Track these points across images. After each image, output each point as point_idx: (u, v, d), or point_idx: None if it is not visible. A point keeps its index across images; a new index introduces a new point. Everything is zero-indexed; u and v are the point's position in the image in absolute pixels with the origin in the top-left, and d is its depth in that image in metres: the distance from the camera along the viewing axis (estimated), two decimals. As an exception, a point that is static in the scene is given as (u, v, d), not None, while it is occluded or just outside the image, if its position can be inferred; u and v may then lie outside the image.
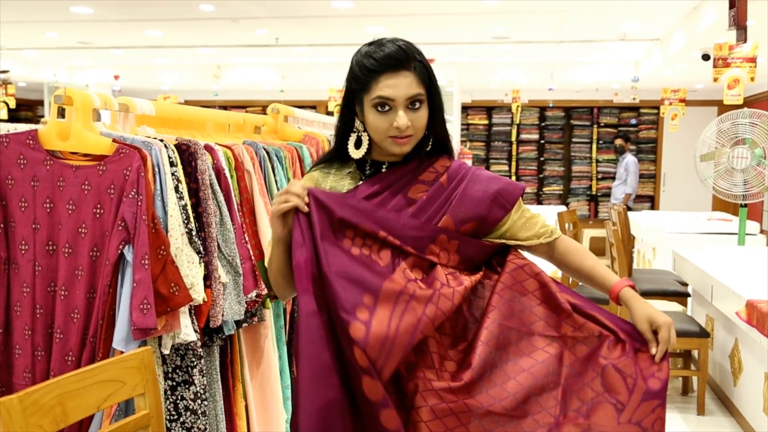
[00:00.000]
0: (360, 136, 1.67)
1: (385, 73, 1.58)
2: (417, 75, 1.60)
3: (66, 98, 1.97)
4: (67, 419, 1.42)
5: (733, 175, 4.96)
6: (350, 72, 1.65)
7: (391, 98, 1.58)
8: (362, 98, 1.62)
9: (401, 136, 1.61)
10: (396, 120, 1.58)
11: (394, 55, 1.58)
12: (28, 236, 1.97)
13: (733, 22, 4.20)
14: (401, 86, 1.58)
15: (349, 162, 1.73)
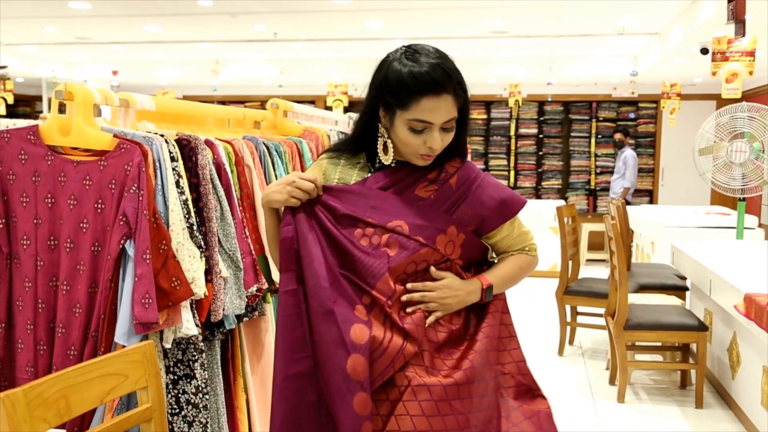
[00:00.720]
0: (386, 141, 1.66)
1: (427, 96, 1.55)
2: (455, 98, 1.59)
3: (67, 94, 1.98)
4: (71, 412, 1.43)
5: (731, 169, 4.97)
6: (385, 81, 1.60)
7: (430, 121, 1.57)
8: (396, 112, 1.60)
9: (430, 155, 1.62)
10: (431, 141, 1.59)
11: (438, 80, 1.55)
12: (29, 231, 1.98)
13: (731, 16, 4.20)
14: (441, 110, 1.57)
15: (358, 154, 1.74)
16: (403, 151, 1.65)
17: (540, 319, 6.15)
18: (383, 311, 1.58)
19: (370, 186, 1.67)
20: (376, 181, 1.68)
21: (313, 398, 1.59)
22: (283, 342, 1.60)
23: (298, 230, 1.63)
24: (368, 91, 1.67)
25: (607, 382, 4.57)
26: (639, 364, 4.55)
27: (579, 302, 5.16)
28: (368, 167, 1.72)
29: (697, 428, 3.86)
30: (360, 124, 1.70)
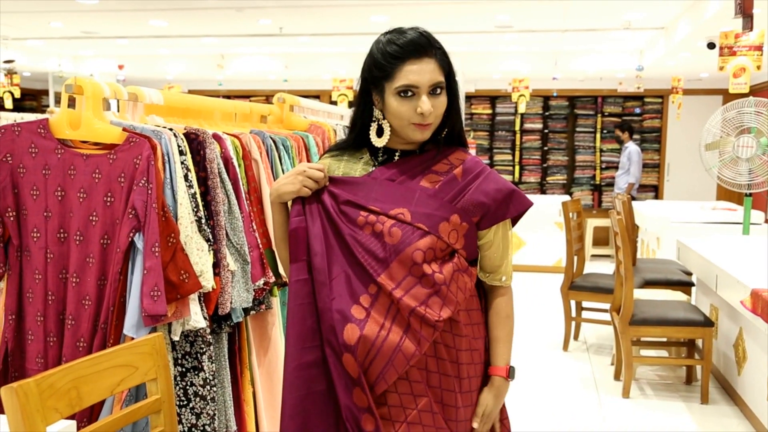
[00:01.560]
0: (381, 124, 1.68)
1: (409, 60, 1.60)
2: (438, 62, 1.62)
3: (76, 87, 1.99)
4: (82, 403, 1.44)
5: (738, 164, 4.96)
6: (370, 60, 1.65)
7: (416, 85, 1.60)
8: (384, 86, 1.63)
9: (424, 123, 1.63)
10: (420, 105, 1.60)
11: (417, 41, 1.60)
12: (39, 224, 1.99)
13: (739, 10, 4.19)
14: (425, 72, 1.60)
15: (361, 150, 1.75)
16: (399, 126, 1.65)
17: (545, 314, 6.15)
18: (389, 299, 1.59)
19: (375, 178, 1.68)
20: (381, 174, 1.69)
21: (322, 387, 1.61)
22: (295, 331, 1.62)
23: (307, 221, 1.64)
24: (359, 82, 1.70)
25: (612, 377, 4.57)
26: (644, 359, 4.55)
27: (584, 297, 5.16)
28: (372, 161, 1.73)
29: (702, 424, 3.86)
30: (356, 113, 1.73)
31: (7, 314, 2.01)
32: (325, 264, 1.62)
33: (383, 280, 1.59)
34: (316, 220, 1.65)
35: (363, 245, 1.62)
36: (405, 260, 1.60)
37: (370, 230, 1.63)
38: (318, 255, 1.62)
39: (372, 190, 1.66)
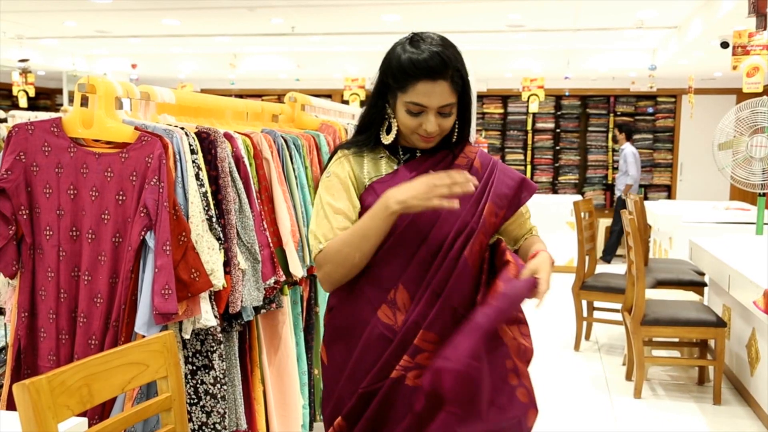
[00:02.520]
0: (390, 122, 1.73)
1: (422, 80, 1.62)
2: (451, 84, 1.64)
3: (89, 87, 2.00)
4: (93, 400, 1.45)
5: (751, 164, 4.92)
6: (388, 65, 1.68)
7: (424, 105, 1.64)
8: (396, 93, 1.67)
9: (427, 137, 1.68)
10: (426, 124, 1.65)
11: (431, 64, 1.61)
12: (52, 222, 2.01)
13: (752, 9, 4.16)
14: (435, 95, 1.63)
15: (379, 147, 1.77)
16: (404, 132, 1.72)
17: (556, 314, 6.13)
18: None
19: (403, 177, 1.71)
20: (408, 171, 1.72)
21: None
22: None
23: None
24: (377, 78, 1.73)
25: (623, 377, 4.55)
26: (656, 359, 4.53)
27: (595, 297, 5.14)
28: (393, 159, 1.76)
29: (714, 425, 3.84)
30: (369, 109, 1.75)
31: (20, 312, 2.03)
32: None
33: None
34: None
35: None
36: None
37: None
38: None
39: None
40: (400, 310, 1.66)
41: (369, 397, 1.67)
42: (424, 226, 1.68)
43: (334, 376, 1.74)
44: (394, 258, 1.67)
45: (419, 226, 1.68)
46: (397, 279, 1.66)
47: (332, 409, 1.75)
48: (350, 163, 1.74)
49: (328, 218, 1.69)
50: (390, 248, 1.67)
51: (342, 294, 1.73)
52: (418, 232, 1.68)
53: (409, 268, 1.67)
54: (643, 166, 10.95)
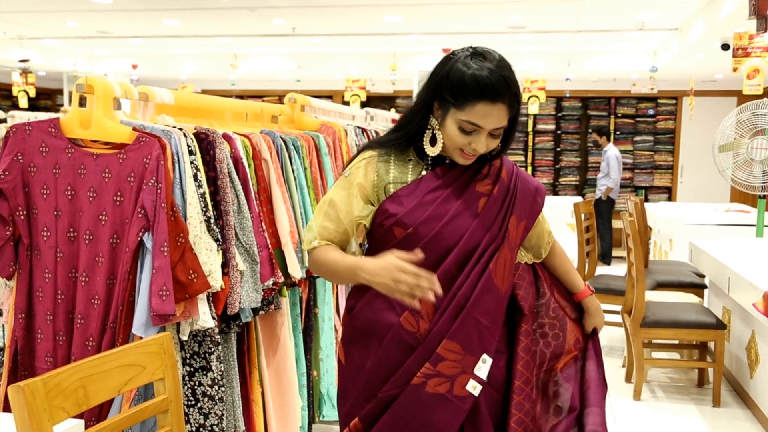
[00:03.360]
0: (435, 134, 1.71)
1: (483, 101, 1.61)
2: (509, 108, 1.65)
3: (87, 87, 2.00)
4: (89, 402, 1.44)
5: (752, 166, 4.91)
6: (446, 77, 1.65)
7: (480, 126, 1.64)
8: (450, 109, 1.65)
9: (471, 155, 1.69)
10: (476, 144, 1.66)
11: (497, 88, 1.61)
12: (50, 223, 2.00)
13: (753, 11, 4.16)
14: (493, 117, 1.63)
15: (407, 150, 1.76)
16: (448, 146, 1.70)
17: (556, 315, 6.12)
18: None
19: (428, 185, 1.72)
20: (434, 178, 1.73)
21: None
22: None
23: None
24: (426, 84, 1.71)
25: (623, 379, 4.55)
26: (656, 361, 4.52)
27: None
28: (420, 164, 1.75)
29: (714, 427, 3.83)
30: (414, 114, 1.74)
31: (17, 313, 2.03)
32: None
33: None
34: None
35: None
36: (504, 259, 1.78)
37: None
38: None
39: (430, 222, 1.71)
40: (423, 319, 1.68)
41: (388, 401, 1.69)
42: (451, 238, 1.69)
43: (351, 377, 1.76)
44: (419, 267, 1.67)
45: (445, 237, 1.69)
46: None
47: (349, 409, 1.77)
48: (375, 168, 1.74)
49: (327, 216, 1.72)
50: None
51: (364, 296, 1.74)
52: (444, 243, 1.69)
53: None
54: (643, 168, 10.96)
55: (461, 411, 1.67)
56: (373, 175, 1.73)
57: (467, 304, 1.67)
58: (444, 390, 1.66)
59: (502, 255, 1.70)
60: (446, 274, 1.68)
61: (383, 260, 1.58)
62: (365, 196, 1.73)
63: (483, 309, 1.68)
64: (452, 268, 1.69)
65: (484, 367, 1.68)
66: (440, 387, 1.66)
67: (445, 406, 1.67)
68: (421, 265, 1.65)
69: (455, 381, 1.67)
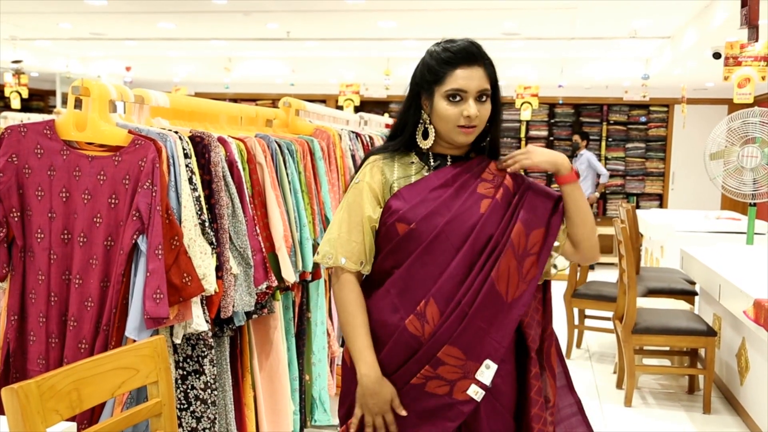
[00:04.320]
0: (427, 127, 1.77)
1: (461, 66, 1.70)
2: (486, 71, 1.74)
3: (83, 89, 2.00)
4: (83, 405, 1.44)
5: (742, 174, 4.95)
6: (423, 66, 1.76)
7: (464, 89, 1.70)
8: (434, 89, 1.73)
9: (469, 125, 1.72)
10: (466, 109, 1.70)
11: (469, 50, 1.72)
12: (44, 225, 2.00)
13: (744, 21, 4.19)
14: (474, 78, 1.71)
15: (410, 153, 1.81)
16: (445, 129, 1.74)
17: (548, 321, 6.13)
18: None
19: (431, 184, 1.76)
20: (437, 177, 1.77)
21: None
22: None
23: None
24: (409, 86, 1.80)
25: (614, 385, 4.56)
26: (647, 368, 4.54)
27: (587, 305, 5.15)
28: (423, 165, 1.80)
29: (703, 433, 3.85)
30: (403, 116, 1.80)
31: (9, 315, 2.02)
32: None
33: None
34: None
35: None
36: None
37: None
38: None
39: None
40: (428, 323, 1.69)
41: None
42: (455, 238, 1.71)
43: (355, 378, 1.77)
44: (424, 271, 1.71)
45: (449, 237, 1.71)
46: (427, 292, 1.70)
47: (348, 408, 1.80)
48: (380, 169, 1.79)
49: (348, 232, 1.75)
50: (419, 259, 1.71)
51: (372, 297, 1.77)
52: (448, 243, 1.71)
53: (439, 282, 1.70)
54: (635, 175, 11.02)
55: (460, 414, 1.69)
56: (379, 175, 1.78)
57: (470, 311, 1.68)
58: (443, 392, 1.68)
59: (505, 262, 1.70)
60: (453, 278, 1.70)
61: (382, 386, 1.69)
62: (376, 197, 1.77)
63: (485, 316, 1.69)
64: (459, 273, 1.70)
65: (487, 373, 1.69)
66: (439, 389, 1.69)
67: (443, 408, 1.69)
68: (425, 266, 1.71)
69: (455, 385, 1.69)
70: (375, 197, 1.77)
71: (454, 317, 1.68)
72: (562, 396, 1.95)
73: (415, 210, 1.72)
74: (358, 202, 1.76)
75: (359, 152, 3.55)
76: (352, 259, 1.74)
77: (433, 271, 1.71)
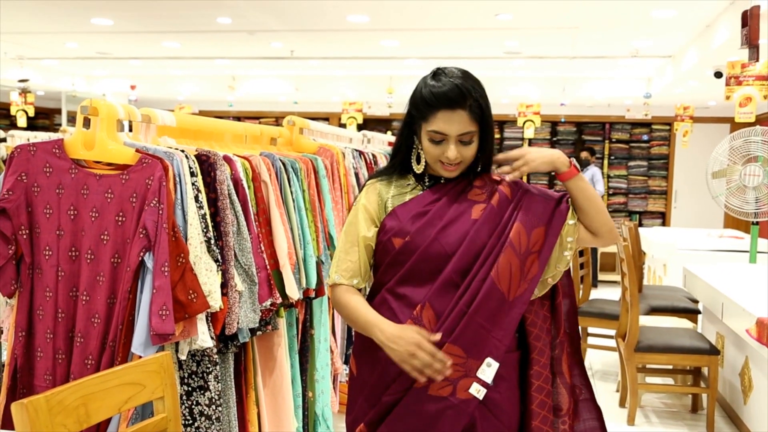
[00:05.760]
0: (419, 153, 1.83)
1: (442, 110, 1.72)
2: (470, 113, 1.73)
3: (92, 109, 2.03)
4: (90, 420, 1.46)
5: (745, 193, 4.97)
6: (413, 98, 1.80)
7: (445, 133, 1.73)
8: (421, 125, 1.77)
9: (450, 165, 1.77)
10: (447, 152, 1.74)
11: (450, 95, 1.71)
12: (52, 242, 2.02)
13: (745, 41, 4.23)
14: (454, 123, 1.72)
15: (407, 175, 1.88)
16: (429, 161, 1.80)
17: (551, 339, 6.12)
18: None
19: (425, 200, 1.81)
20: (430, 194, 1.82)
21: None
22: None
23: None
24: (406, 110, 1.84)
25: (617, 404, 4.55)
26: (649, 386, 4.54)
27: (589, 323, 5.15)
28: (418, 186, 1.86)
29: (707, 452, 3.84)
30: (399, 140, 1.87)
31: (17, 331, 2.04)
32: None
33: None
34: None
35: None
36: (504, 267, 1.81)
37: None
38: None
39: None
40: (425, 327, 1.72)
41: (391, 405, 1.75)
42: (447, 245, 1.75)
43: (360, 388, 1.82)
44: (419, 277, 1.76)
45: (442, 244, 1.75)
46: (422, 297, 1.74)
47: (354, 417, 1.83)
48: (377, 190, 1.86)
49: (345, 251, 1.83)
50: (415, 267, 1.76)
51: (371, 306, 1.81)
52: (441, 250, 1.75)
53: (434, 287, 1.74)
54: (637, 193, 11.04)
55: (464, 414, 1.70)
56: (376, 196, 1.85)
57: (469, 310, 1.71)
58: (446, 393, 1.70)
59: (506, 261, 1.73)
60: (447, 282, 1.73)
61: (403, 329, 1.67)
62: (371, 217, 1.83)
63: (486, 314, 1.72)
64: (454, 277, 1.74)
65: (488, 371, 1.71)
66: (442, 390, 1.70)
67: (447, 409, 1.70)
68: (420, 274, 1.74)
69: (458, 384, 1.71)
70: (370, 217, 1.84)
71: (453, 317, 1.71)
72: (587, 408, 1.94)
73: (408, 225, 1.78)
74: (354, 223, 1.85)
75: (363, 170, 3.58)
76: (345, 276, 1.83)
77: (429, 277, 1.75)
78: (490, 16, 6.23)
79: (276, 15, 6.55)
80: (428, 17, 6.44)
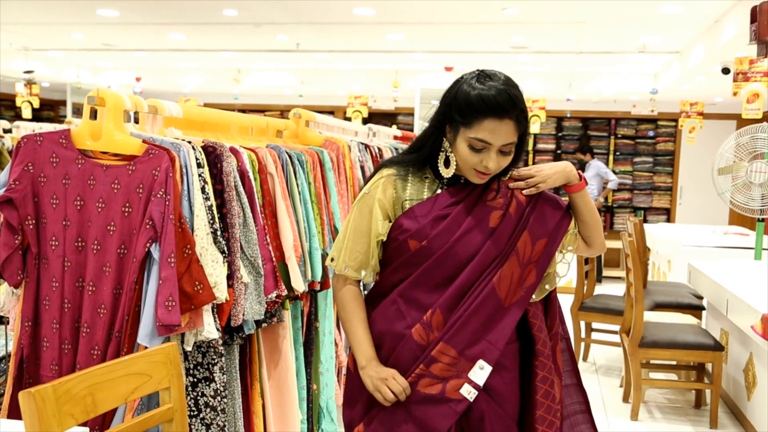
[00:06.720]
0: (448, 155, 1.76)
1: (490, 117, 1.65)
2: (516, 124, 1.68)
3: (99, 99, 2.03)
4: (97, 409, 1.46)
5: (750, 189, 4.95)
6: (453, 99, 1.71)
7: (489, 142, 1.68)
8: (459, 128, 1.70)
9: (485, 173, 1.73)
10: (487, 161, 1.69)
11: (503, 105, 1.65)
12: (58, 232, 2.03)
13: (754, 37, 4.20)
14: (501, 133, 1.67)
15: (424, 168, 1.83)
16: (461, 166, 1.75)
17: (554, 334, 6.12)
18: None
19: (443, 202, 1.77)
20: (449, 196, 1.79)
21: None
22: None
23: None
24: (437, 108, 1.77)
25: (620, 399, 4.55)
26: (653, 382, 4.53)
27: (594, 318, 5.15)
28: (436, 182, 1.81)
29: (710, 448, 3.84)
30: (426, 137, 1.79)
31: (23, 321, 2.05)
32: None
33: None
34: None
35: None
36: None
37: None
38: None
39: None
40: (433, 332, 1.73)
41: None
42: (463, 253, 1.74)
43: (358, 383, 1.81)
44: (432, 282, 1.75)
45: (458, 252, 1.74)
46: (434, 303, 1.74)
47: (352, 413, 1.86)
48: (393, 185, 1.81)
49: (353, 241, 1.81)
50: (428, 271, 1.75)
51: (379, 305, 1.81)
52: (456, 258, 1.74)
53: (446, 293, 1.73)
54: (642, 189, 11.02)
55: (453, 413, 1.71)
56: (392, 191, 1.81)
57: (466, 313, 1.72)
58: (435, 391, 1.71)
59: (509, 268, 1.73)
60: (460, 290, 1.74)
61: (384, 369, 1.75)
62: (385, 213, 1.80)
63: (482, 318, 1.73)
64: (466, 285, 1.74)
65: (481, 374, 1.72)
66: (431, 388, 1.72)
67: (436, 406, 1.72)
68: (433, 279, 1.74)
69: (447, 383, 1.72)
70: (384, 212, 1.80)
71: (454, 319, 1.73)
72: (571, 393, 1.96)
73: (426, 229, 1.75)
74: (366, 215, 1.80)
75: (368, 163, 3.58)
76: (354, 267, 1.82)
77: (441, 282, 1.75)
78: (497, 11, 6.21)
79: (282, 7, 6.54)
80: (435, 11, 6.42)
